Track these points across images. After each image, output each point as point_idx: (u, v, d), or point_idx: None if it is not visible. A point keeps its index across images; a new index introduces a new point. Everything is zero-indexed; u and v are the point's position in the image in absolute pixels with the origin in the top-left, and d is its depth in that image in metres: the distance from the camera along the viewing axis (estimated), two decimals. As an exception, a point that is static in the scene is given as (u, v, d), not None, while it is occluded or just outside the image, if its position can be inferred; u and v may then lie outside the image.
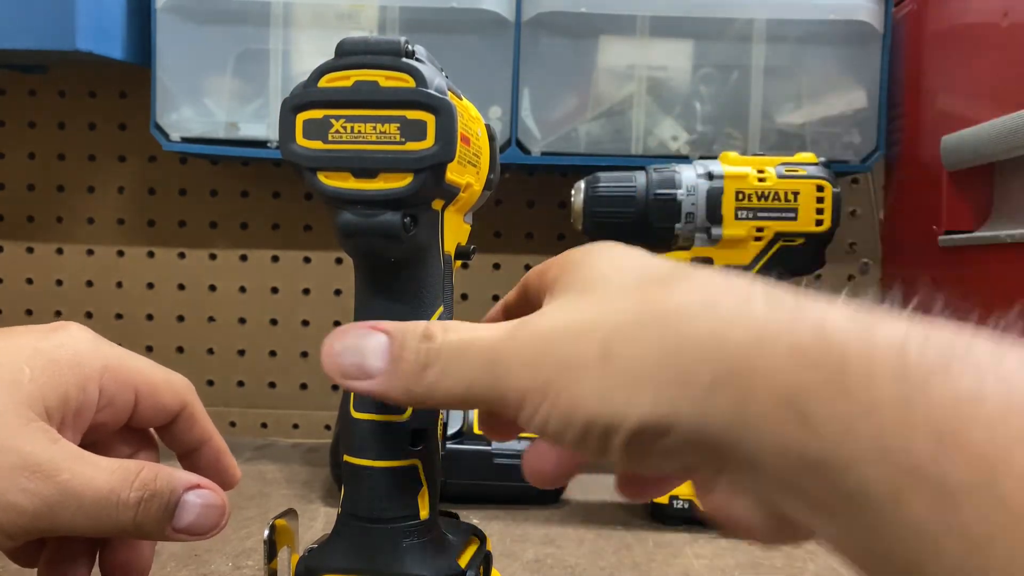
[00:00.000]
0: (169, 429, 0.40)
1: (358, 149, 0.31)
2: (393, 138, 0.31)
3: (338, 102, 0.31)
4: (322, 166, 0.31)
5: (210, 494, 0.36)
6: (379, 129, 0.31)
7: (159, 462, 0.37)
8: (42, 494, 0.32)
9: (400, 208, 0.31)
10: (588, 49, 0.80)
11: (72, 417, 0.35)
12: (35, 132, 0.93)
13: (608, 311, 0.26)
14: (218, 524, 0.36)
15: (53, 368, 0.34)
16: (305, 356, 0.93)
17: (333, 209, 0.32)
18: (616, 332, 0.26)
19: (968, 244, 0.71)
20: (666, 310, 0.25)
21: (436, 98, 0.31)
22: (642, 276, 0.27)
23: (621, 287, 0.27)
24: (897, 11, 0.83)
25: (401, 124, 0.31)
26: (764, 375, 0.22)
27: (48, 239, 0.93)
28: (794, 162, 0.68)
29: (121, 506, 0.33)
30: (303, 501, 0.68)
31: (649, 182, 0.67)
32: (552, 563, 0.56)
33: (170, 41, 0.79)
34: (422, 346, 0.29)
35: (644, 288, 0.27)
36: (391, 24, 0.79)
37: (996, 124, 0.65)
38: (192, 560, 0.53)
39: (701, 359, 0.24)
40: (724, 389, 0.23)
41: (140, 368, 0.38)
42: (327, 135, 0.31)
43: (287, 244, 0.93)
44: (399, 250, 0.33)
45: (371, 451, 0.34)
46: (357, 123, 0.31)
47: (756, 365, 0.22)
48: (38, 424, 0.33)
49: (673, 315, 0.25)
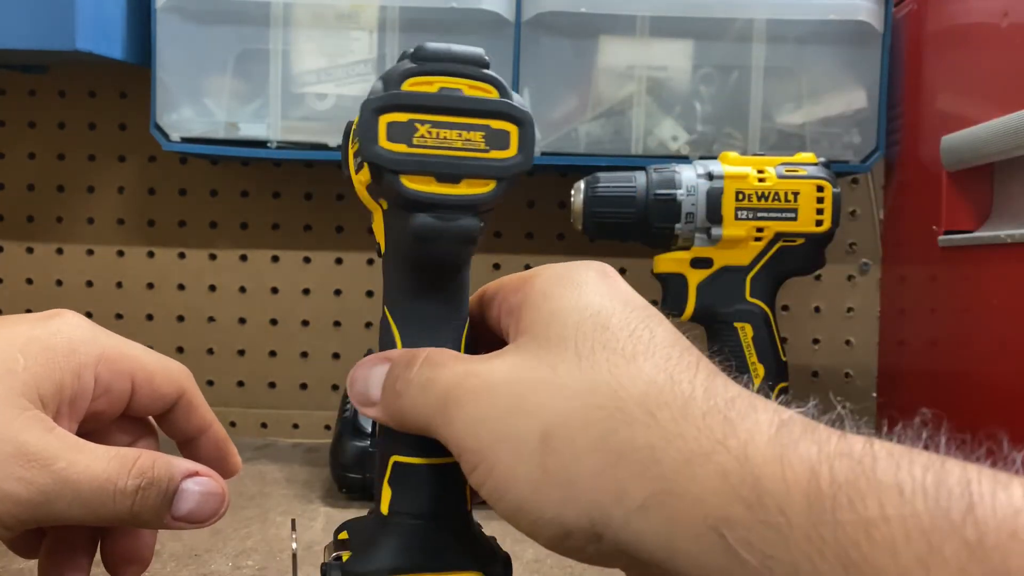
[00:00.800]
0: (168, 417, 0.39)
1: (444, 155, 0.32)
2: (478, 146, 0.32)
3: (424, 107, 0.32)
4: (408, 169, 0.32)
5: (209, 481, 0.36)
6: (464, 136, 0.32)
7: (159, 451, 0.37)
8: (38, 483, 0.32)
9: (478, 214, 0.33)
10: (588, 49, 0.80)
11: (68, 405, 0.35)
12: (35, 132, 0.93)
13: (557, 388, 0.27)
14: (218, 512, 0.36)
15: (48, 356, 0.34)
16: (305, 356, 0.93)
17: (402, 213, 0.32)
18: (560, 423, 0.26)
19: (968, 244, 0.71)
20: (613, 407, 0.26)
21: (520, 110, 0.32)
22: (603, 339, 0.28)
23: (577, 353, 0.27)
24: (897, 11, 0.83)
25: (486, 133, 0.32)
26: (692, 501, 0.23)
27: (48, 239, 0.93)
28: (794, 162, 0.68)
29: (118, 494, 0.33)
30: (303, 501, 0.68)
31: (649, 182, 0.67)
32: (552, 563, 0.56)
33: (170, 41, 0.79)
34: (402, 375, 0.31)
35: (599, 359, 0.27)
36: (391, 24, 0.79)
37: (996, 124, 0.65)
38: (192, 560, 0.53)
39: (637, 474, 0.24)
40: (655, 510, 0.24)
41: (136, 355, 0.38)
42: (412, 139, 0.32)
43: (287, 244, 0.93)
44: (468, 253, 0.33)
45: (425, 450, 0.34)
46: (443, 129, 0.32)
47: (685, 490, 0.23)
48: (33, 413, 0.33)
49: (618, 415, 0.25)
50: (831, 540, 0.21)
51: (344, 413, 0.71)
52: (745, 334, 0.68)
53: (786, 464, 0.22)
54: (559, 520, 0.26)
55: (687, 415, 0.25)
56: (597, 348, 0.27)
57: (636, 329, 0.28)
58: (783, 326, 0.78)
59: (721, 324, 0.68)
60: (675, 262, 0.69)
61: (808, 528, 0.21)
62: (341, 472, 0.69)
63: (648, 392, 0.26)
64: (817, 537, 0.21)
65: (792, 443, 0.23)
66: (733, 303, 0.68)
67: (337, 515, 0.64)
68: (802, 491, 0.22)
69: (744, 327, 0.68)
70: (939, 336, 0.76)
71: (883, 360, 0.90)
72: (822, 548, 0.21)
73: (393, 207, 0.33)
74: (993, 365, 0.66)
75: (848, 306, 0.91)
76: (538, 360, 0.28)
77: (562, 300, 0.30)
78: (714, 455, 0.24)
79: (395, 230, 0.33)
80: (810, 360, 0.91)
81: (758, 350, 0.68)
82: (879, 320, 0.90)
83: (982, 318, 0.68)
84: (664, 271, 0.69)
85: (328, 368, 0.93)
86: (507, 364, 0.29)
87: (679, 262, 0.69)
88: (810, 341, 0.91)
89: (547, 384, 0.27)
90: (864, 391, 0.90)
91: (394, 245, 0.34)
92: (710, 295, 0.68)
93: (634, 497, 0.24)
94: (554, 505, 0.26)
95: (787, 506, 0.22)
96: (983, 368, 0.68)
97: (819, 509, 0.21)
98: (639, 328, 0.28)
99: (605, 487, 0.25)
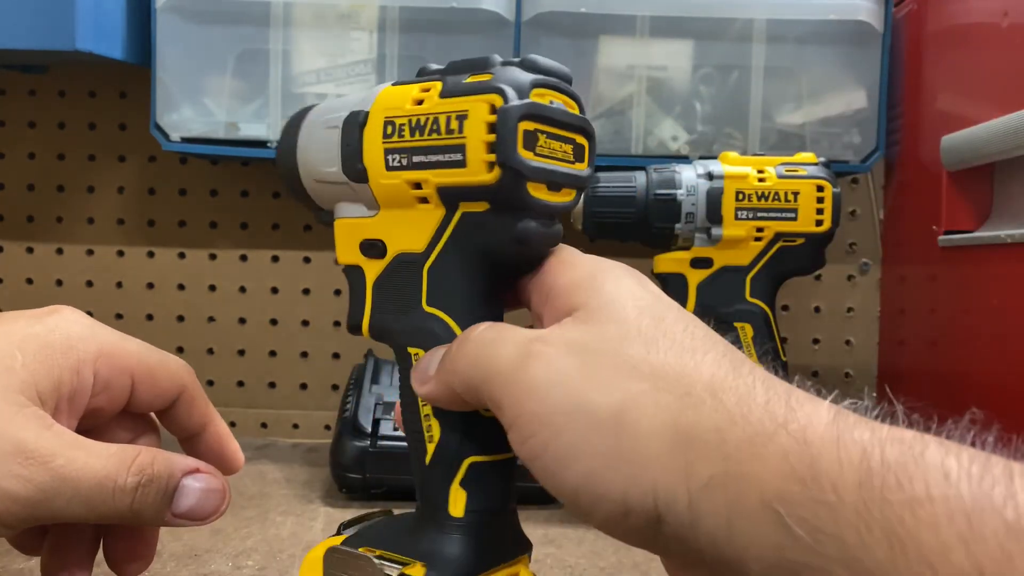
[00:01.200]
0: (169, 413, 0.39)
1: (555, 165, 0.34)
2: (568, 157, 0.34)
3: (549, 119, 0.33)
4: (536, 177, 0.33)
5: (210, 478, 0.36)
6: (563, 148, 0.34)
7: (160, 448, 0.37)
8: (36, 481, 0.31)
9: (560, 220, 0.35)
10: (588, 49, 0.80)
11: (67, 402, 0.35)
12: (35, 132, 0.93)
13: (628, 368, 0.27)
14: (218, 509, 0.36)
15: (46, 353, 0.34)
16: (305, 356, 0.93)
17: (499, 217, 0.33)
18: (632, 403, 0.27)
19: (968, 244, 0.71)
20: (681, 391, 0.26)
21: (592, 126, 0.35)
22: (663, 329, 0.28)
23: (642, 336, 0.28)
24: (897, 11, 0.83)
25: (573, 146, 0.34)
26: (753, 480, 0.24)
27: (48, 239, 0.93)
28: (794, 162, 0.68)
29: (118, 492, 0.33)
30: (303, 501, 0.68)
31: (649, 182, 0.67)
32: (552, 563, 0.56)
33: (170, 41, 0.79)
34: (464, 338, 0.31)
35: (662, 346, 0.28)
36: (391, 24, 0.79)
37: (996, 124, 0.65)
38: (192, 560, 0.53)
39: (703, 455, 0.25)
40: (719, 490, 0.25)
41: (136, 351, 0.37)
42: (535, 147, 0.33)
43: (287, 244, 0.93)
44: None
45: (496, 446, 0.35)
46: (553, 140, 0.34)
47: (748, 469, 0.24)
48: (31, 410, 0.33)
49: (686, 398, 0.26)
50: (878, 516, 0.22)
51: (344, 413, 0.71)
52: (745, 334, 0.68)
53: (841, 446, 0.23)
54: (623, 498, 0.26)
55: (750, 401, 0.26)
56: (659, 336, 0.28)
57: (689, 326, 0.29)
58: (783, 326, 0.78)
59: (721, 324, 0.68)
60: (675, 262, 0.69)
61: (858, 504, 0.22)
62: (341, 472, 0.69)
63: (713, 378, 0.27)
64: (865, 512, 0.22)
65: (848, 428, 0.24)
66: (733, 303, 0.68)
67: (337, 515, 0.64)
68: (854, 470, 0.23)
69: (744, 327, 0.68)
70: (939, 336, 0.76)
71: (883, 360, 0.90)
72: (869, 523, 0.22)
73: (490, 212, 0.33)
74: (993, 365, 0.66)
75: (848, 306, 0.91)
76: (604, 338, 0.28)
77: (619, 287, 0.30)
78: (776, 436, 0.24)
79: (469, 233, 0.34)
80: (810, 360, 0.91)
81: (758, 350, 0.68)
82: (879, 320, 0.90)
83: (982, 318, 0.68)
84: (664, 271, 0.69)
85: (328, 368, 0.93)
86: (576, 333, 0.29)
87: (679, 262, 0.69)
88: (810, 341, 0.91)
89: (617, 362, 0.28)
90: (864, 391, 0.90)
91: (459, 246, 0.34)
92: (710, 295, 0.68)
93: (700, 477, 0.25)
94: (621, 482, 0.26)
95: (839, 484, 0.23)
96: (983, 368, 0.68)
97: (868, 487, 0.22)
98: (691, 326, 0.29)
99: (673, 467, 0.25)
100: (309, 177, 0.38)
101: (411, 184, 0.34)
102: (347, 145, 0.36)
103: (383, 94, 0.35)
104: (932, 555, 0.21)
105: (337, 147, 0.36)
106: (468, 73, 0.34)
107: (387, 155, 0.34)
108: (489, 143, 0.32)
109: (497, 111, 0.32)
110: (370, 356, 0.78)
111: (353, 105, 0.36)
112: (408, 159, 0.34)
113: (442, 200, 0.34)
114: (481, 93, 0.32)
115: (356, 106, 0.36)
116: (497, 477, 0.35)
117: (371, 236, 0.36)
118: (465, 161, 0.32)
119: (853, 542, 0.22)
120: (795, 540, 0.23)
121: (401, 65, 0.79)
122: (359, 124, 0.35)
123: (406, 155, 0.34)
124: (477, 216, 0.34)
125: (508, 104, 0.32)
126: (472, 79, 0.33)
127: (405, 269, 0.35)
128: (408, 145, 0.34)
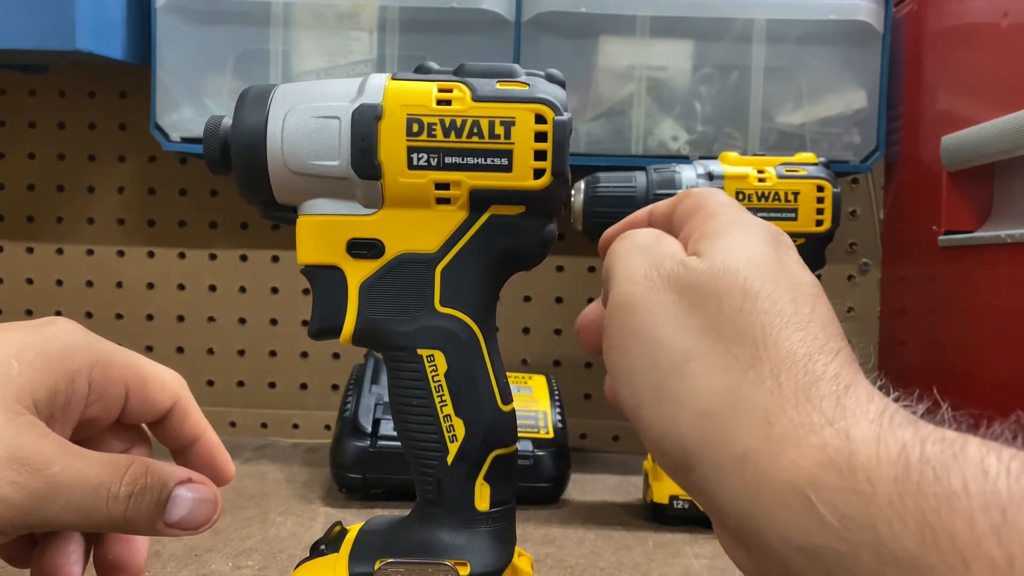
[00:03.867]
0: (162, 425, 0.39)
1: None
2: None
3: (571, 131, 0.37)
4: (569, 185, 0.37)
5: (202, 488, 0.36)
6: None
7: (152, 459, 0.37)
8: (30, 487, 0.32)
9: None
10: (588, 49, 0.80)
11: (62, 411, 0.35)
12: (35, 132, 0.93)
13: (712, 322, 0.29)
14: (210, 519, 0.36)
15: (42, 362, 0.34)
16: (305, 356, 0.93)
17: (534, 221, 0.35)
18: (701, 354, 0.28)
19: (968, 244, 0.71)
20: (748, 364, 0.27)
21: None
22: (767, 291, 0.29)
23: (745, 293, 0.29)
24: (897, 11, 0.83)
25: None
26: (787, 464, 0.25)
27: (48, 239, 0.93)
28: (794, 162, 0.68)
29: (111, 500, 0.33)
30: (303, 501, 0.68)
31: (649, 182, 0.67)
32: (552, 563, 0.56)
33: (170, 41, 0.79)
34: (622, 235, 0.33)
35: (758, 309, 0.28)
36: (391, 24, 0.79)
37: (996, 124, 0.65)
38: (192, 560, 0.53)
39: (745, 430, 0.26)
40: (750, 466, 0.25)
41: (130, 362, 0.37)
42: None
43: (287, 244, 0.92)
44: None
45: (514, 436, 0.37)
46: None
47: (784, 454, 0.25)
48: (27, 418, 0.33)
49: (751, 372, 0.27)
50: (912, 507, 0.22)
51: (344, 413, 0.71)
52: (745, 334, 0.68)
53: (882, 443, 0.24)
54: (661, 436, 0.28)
55: (808, 393, 0.26)
56: (762, 296, 0.28)
57: (798, 298, 0.29)
58: (783, 326, 0.77)
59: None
60: (675, 262, 0.69)
61: (892, 495, 0.22)
62: (341, 472, 0.69)
63: (785, 360, 0.27)
64: (899, 502, 0.22)
65: (891, 427, 0.24)
66: (733, 303, 0.68)
67: (337, 515, 0.64)
68: (891, 464, 0.23)
69: (744, 327, 0.68)
70: (939, 336, 0.76)
71: (883, 360, 0.90)
72: (903, 513, 0.22)
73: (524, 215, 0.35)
74: (993, 365, 0.66)
75: (848, 306, 0.91)
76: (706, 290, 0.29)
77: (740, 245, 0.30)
78: (819, 430, 0.25)
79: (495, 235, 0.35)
80: (810, 360, 0.91)
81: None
82: (879, 320, 0.90)
83: (982, 318, 0.68)
84: (664, 271, 0.69)
85: (328, 368, 0.93)
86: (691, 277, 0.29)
87: (679, 262, 0.69)
88: (810, 341, 0.91)
89: (704, 313, 0.29)
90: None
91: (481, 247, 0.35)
92: (710, 295, 0.68)
93: (735, 448, 0.26)
94: (665, 421, 0.28)
95: (875, 476, 0.23)
96: (983, 368, 0.68)
97: (905, 479, 0.22)
98: (802, 300, 0.29)
99: (713, 428, 0.27)
100: (283, 167, 0.35)
101: (437, 184, 0.34)
102: (360, 139, 0.34)
103: (393, 88, 0.35)
104: (964, 546, 0.21)
105: (335, 139, 0.35)
106: (492, 79, 0.34)
107: (410, 153, 0.34)
108: (537, 151, 0.34)
109: (554, 123, 0.34)
110: (370, 356, 0.78)
111: (344, 95, 0.35)
112: (439, 159, 0.34)
113: (471, 202, 0.34)
114: (527, 102, 0.34)
115: (351, 97, 0.35)
116: (513, 468, 0.36)
117: (365, 235, 0.35)
118: (511, 166, 0.34)
119: (884, 531, 0.22)
120: (823, 525, 0.23)
121: (401, 65, 0.79)
122: (374, 118, 0.34)
123: (436, 155, 0.34)
124: (508, 219, 0.35)
125: (562, 117, 0.34)
126: (507, 86, 0.34)
127: (409, 270, 0.35)
128: (440, 145, 0.34)
